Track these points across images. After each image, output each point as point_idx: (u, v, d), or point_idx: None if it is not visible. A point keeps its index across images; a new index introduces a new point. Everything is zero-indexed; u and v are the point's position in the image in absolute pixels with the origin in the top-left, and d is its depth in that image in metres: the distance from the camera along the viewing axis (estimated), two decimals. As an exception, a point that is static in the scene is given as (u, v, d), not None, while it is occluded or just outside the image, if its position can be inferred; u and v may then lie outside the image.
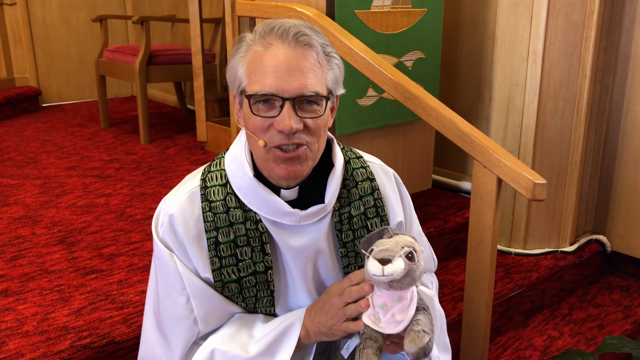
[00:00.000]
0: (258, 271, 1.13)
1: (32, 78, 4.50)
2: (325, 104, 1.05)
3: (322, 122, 1.06)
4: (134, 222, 2.33)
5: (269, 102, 1.02)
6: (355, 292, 1.05)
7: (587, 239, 2.52)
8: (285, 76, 1.00)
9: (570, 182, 2.37)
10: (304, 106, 1.03)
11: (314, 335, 1.10)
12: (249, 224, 1.11)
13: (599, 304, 2.37)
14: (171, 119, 4.15)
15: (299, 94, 1.01)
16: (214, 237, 1.10)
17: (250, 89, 1.03)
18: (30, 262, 1.98)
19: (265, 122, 1.03)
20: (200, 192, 1.12)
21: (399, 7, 2.08)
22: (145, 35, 3.36)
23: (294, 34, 1.01)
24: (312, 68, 1.02)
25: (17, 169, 2.97)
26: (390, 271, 0.97)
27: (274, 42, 1.02)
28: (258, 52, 1.03)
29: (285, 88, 1.00)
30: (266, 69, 1.01)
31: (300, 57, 1.01)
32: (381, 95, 2.12)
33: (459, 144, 1.63)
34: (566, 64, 2.22)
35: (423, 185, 2.44)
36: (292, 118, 1.00)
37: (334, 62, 1.07)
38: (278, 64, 1.00)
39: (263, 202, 1.11)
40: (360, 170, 1.21)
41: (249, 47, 1.04)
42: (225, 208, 1.11)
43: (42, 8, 4.51)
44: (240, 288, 1.13)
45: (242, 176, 1.11)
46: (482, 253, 1.68)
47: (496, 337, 2.15)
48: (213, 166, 1.16)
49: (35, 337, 1.55)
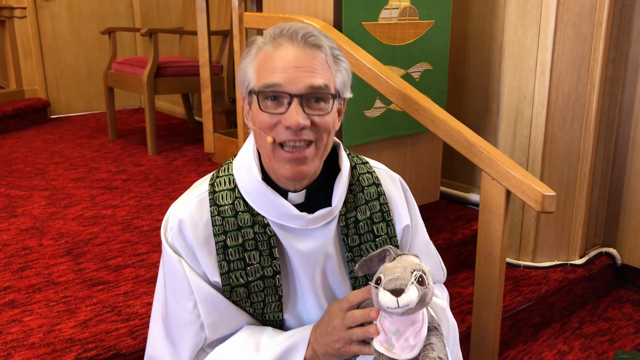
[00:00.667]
0: (266, 275, 1.13)
1: (41, 90, 4.53)
2: (332, 102, 1.06)
3: (330, 119, 1.06)
4: (141, 233, 2.33)
5: (277, 99, 1.03)
6: (359, 317, 1.04)
7: (597, 252, 2.50)
8: (294, 73, 1.01)
9: (580, 194, 2.35)
10: (312, 104, 1.04)
11: (322, 355, 1.09)
12: (257, 227, 1.12)
13: (609, 317, 2.34)
14: (179, 131, 4.16)
15: (307, 90, 1.02)
16: (223, 240, 1.11)
17: (259, 84, 1.04)
18: (37, 274, 1.98)
19: (273, 119, 1.03)
20: (208, 196, 1.13)
21: (406, 19, 2.08)
22: (153, 47, 3.38)
23: (303, 34, 1.03)
24: (321, 67, 1.04)
25: (25, 180, 2.98)
26: (405, 302, 0.94)
27: (283, 43, 1.04)
28: (268, 52, 1.04)
29: (294, 84, 1.01)
30: (275, 66, 1.02)
31: (309, 56, 1.03)
32: (388, 107, 2.11)
33: (467, 156, 1.62)
34: (575, 76, 2.21)
35: (431, 197, 2.43)
36: (299, 114, 1.01)
37: (342, 65, 1.08)
38: (287, 62, 1.02)
39: (271, 206, 1.11)
40: (366, 176, 1.21)
41: (260, 48, 1.06)
42: (234, 212, 1.11)
43: (52, 21, 4.56)
44: (249, 292, 1.13)
45: (251, 180, 1.12)
46: (491, 266, 1.67)
47: (505, 351, 2.12)
48: (221, 171, 1.17)
49: (41, 349, 1.54)
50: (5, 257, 2.10)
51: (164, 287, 1.16)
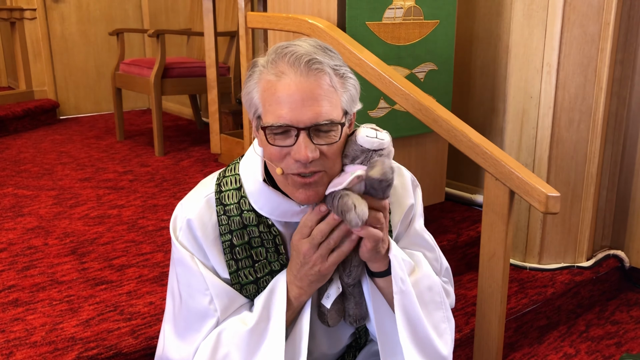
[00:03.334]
0: (274, 270, 1.15)
1: (51, 91, 4.57)
2: (340, 130, 1.04)
3: (338, 147, 1.05)
4: (146, 233, 2.34)
5: (285, 133, 1.02)
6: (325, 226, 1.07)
7: (604, 254, 2.47)
8: (300, 106, 0.99)
9: (587, 195, 2.32)
10: (320, 134, 1.02)
11: (307, 287, 1.11)
12: (262, 227, 1.14)
13: (617, 320, 2.31)
14: (186, 132, 4.17)
15: (313, 123, 1.00)
16: (229, 240, 1.13)
17: (266, 119, 1.03)
18: (41, 273, 1.99)
19: (282, 151, 1.03)
20: (215, 196, 1.15)
21: (411, 18, 2.07)
22: (160, 48, 3.40)
23: (306, 61, 1.00)
24: (326, 94, 1.01)
25: (32, 180, 3.00)
26: (382, 136, 1.06)
27: (285, 71, 1.01)
28: (271, 81, 1.02)
29: (300, 118, 1.00)
30: (280, 99, 1.01)
31: (313, 85, 1.00)
32: (393, 107, 2.10)
33: (470, 156, 1.60)
34: (581, 76, 2.19)
35: (436, 198, 2.41)
36: (308, 147, 1.00)
37: (349, 83, 1.06)
38: (291, 94, 1.00)
39: (273, 207, 1.12)
40: None
41: (261, 73, 1.04)
42: (239, 211, 1.13)
43: (61, 22, 4.59)
44: (258, 289, 1.15)
45: (254, 182, 1.13)
46: (495, 267, 1.65)
47: (510, 354, 2.10)
48: (228, 171, 1.19)
49: (43, 348, 1.55)
50: (11, 256, 2.11)
51: (177, 285, 1.16)
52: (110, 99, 4.51)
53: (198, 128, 4.27)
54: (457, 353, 1.95)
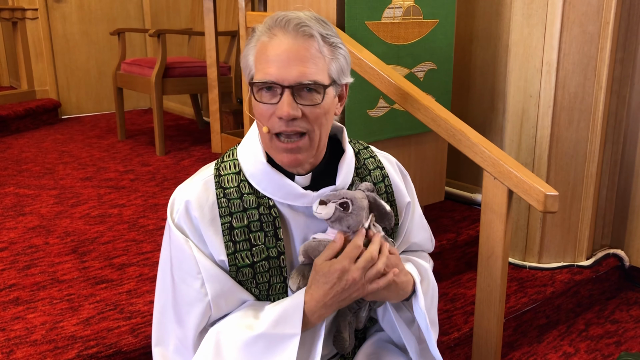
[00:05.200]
0: (271, 256, 1.15)
1: (52, 91, 4.58)
2: (323, 93, 1.08)
3: (322, 110, 1.09)
4: (146, 232, 2.34)
5: (272, 90, 1.07)
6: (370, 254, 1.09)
7: (604, 253, 2.47)
8: (285, 65, 1.05)
9: (586, 195, 2.32)
10: (303, 94, 1.07)
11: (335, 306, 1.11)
12: (262, 209, 1.15)
13: (616, 320, 2.32)
14: (187, 131, 4.18)
15: (297, 82, 1.05)
16: (229, 222, 1.14)
17: (256, 77, 1.09)
18: (42, 272, 1.99)
19: (269, 110, 1.08)
20: (214, 179, 1.16)
21: (410, 18, 2.07)
22: (161, 48, 3.40)
23: (295, 24, 1.06)
24: (313, 58, 1.06)
25: (34, 180, 3.01)
26: (319, 211, 1.11)
27: (277, 33, 1.07)
28: (264, 42, 1.08)
29: (285, 76, 1.05)
30: (269, 58, 1.06)
31: (300, 47, 1.06)
32: (392, 107, 2.11)
33: (469, 155, 1.61)
34: (581, 75, 2.19)
35: (436, 197, 2.41)
36: (290, 105, 1.05)
37: (339, 53, 1.11)
38: (279, 54, 1.05)
39: (277, 187, 1.15)
40: (370, 160, 1.28)
41: (258, 38, 1.10)
42: (239, 194, 1.15)
43: (63, 22, 4.60)
44: (254, 273, 1.15)
45: (255, 162, 1.15)
46: (493, 266, 1.66)
47: (510, 353, 2.10)
48: (226, 157, 1.21)
49: (43, 346, 1.56)
50: (12, 255, 2.12)
51: (170, 269, 1.17)
52: (112, 99, 4.51)
53: (199, 127, 4.27)
54: (456, 352, 1.96)
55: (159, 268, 1.21)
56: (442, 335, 1.94)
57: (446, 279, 2.31)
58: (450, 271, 2.33)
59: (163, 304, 1.19)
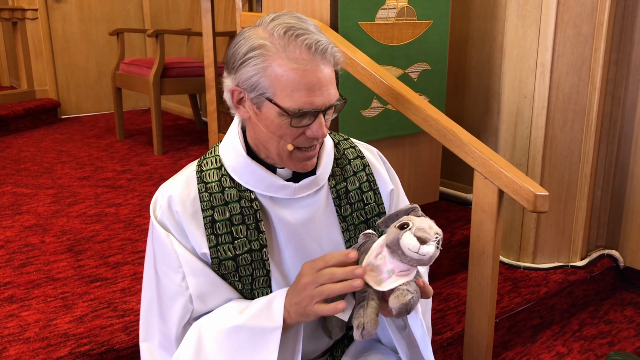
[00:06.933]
0: (253, 249, 1.16)
1: (52, 90, 4.60)
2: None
3: None
4: (142, 231, 2.35)
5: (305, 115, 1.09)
6: (340, 274, 1.02)
7: (598, 254, 2.48)
8: (326, 92, 1.08)
9: (581, 195, 2.33)
10: (328, 112, 1.12)
11: (294, 315, 1.08)
12: (243, 202, 1.17)
13: (610, 320, 2.32)
14: (186, 131, 4.19)
15: (328, 106, 1.10)
16: (210, 215, 1.15)
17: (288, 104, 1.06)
18: (37, 270, 2.01)
19: (299, 130, 1.10)
20: (196, 175, 1.18)
21: (404, 19, 2.08)
22: (159, 48, 3.42)
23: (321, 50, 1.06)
24: (332, 75, 1.10)
25: (32, 179, 3.03)
26: (425, 252, 1.00)
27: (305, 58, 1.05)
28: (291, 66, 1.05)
29: (325, 103, 1.09)
30: (307, 86, 1.06)
31: (329, 70, 1.09)
32: (385, 107, 2.12)
33: (460, 155, 1.62)
34: (575, 76, 2.19)
35: (430, 197, 2.42)
36: (324, 125, 1.11)
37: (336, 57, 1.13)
38: (316, 82, 1.06)
39: (258, 179, 1.17)
40: (349, 150, 1.30)
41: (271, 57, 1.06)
42: (221, 188, 1.17)
43: (63, 22, 4.62)
44: (237, 266, 1.16)
45: (237, 156, 1.17)
46: (484, 265, 1.66)
47: (503, 353, 2.11)
48: (208, 154, 1.23)
49: (36, 344, 1.57)
50: (8, 254, 2.13)
51: (153, 265, 1.19)
52: (111, 99, 4.53)
53: (198, 127, 4.29)
54: (448, 352, 1.97)
55: (144, 265, 1.23)
56: (435, 335, 1.94)
57: (440, 278, 2.31)
58: (445, 271, 2.34)
59: (149, 299, 1.21)
